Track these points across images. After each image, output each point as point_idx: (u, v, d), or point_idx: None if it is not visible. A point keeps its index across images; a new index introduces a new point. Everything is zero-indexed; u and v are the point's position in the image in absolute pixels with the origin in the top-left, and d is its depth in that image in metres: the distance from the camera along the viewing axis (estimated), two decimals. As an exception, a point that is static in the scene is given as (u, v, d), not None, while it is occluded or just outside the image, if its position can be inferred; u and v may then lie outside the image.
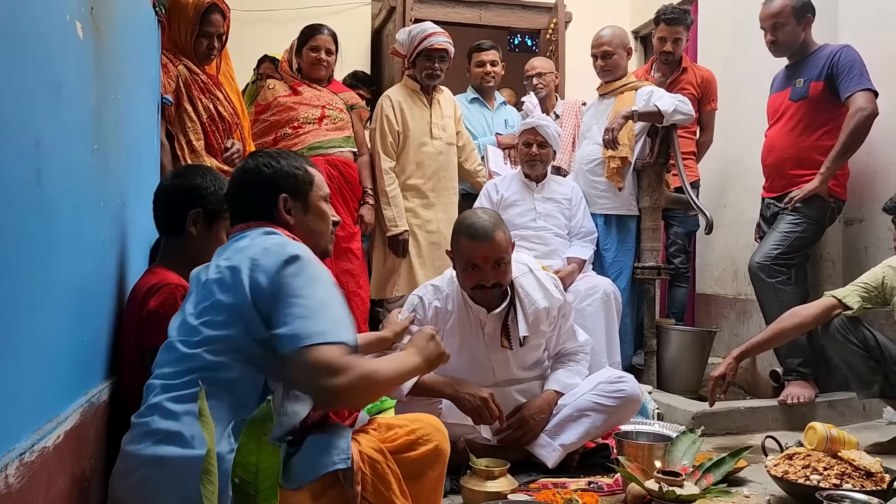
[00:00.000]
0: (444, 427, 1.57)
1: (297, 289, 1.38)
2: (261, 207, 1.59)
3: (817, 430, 2.18)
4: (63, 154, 1.34)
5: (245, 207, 1.62)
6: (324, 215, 1.67)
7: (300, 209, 1.62)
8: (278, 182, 1.61)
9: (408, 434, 1.51)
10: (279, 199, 1.59)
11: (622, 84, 3.61)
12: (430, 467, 1.52)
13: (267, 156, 1.65)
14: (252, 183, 1.61)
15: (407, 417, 1.60)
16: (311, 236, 1.62)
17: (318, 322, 1.35)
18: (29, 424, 1.15)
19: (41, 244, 1.22)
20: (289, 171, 1.62)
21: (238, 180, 1.64)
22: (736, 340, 3.96)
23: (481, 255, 2.26)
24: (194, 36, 2.64)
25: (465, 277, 2.32)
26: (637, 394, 2.46)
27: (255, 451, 0.84)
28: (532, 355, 2.51)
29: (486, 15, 4.94)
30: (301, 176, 1.63)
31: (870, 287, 2.67)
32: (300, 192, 1.63)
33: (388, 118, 3.59)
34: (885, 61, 3.13)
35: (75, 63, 1.43)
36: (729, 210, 4.09)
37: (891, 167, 3.14)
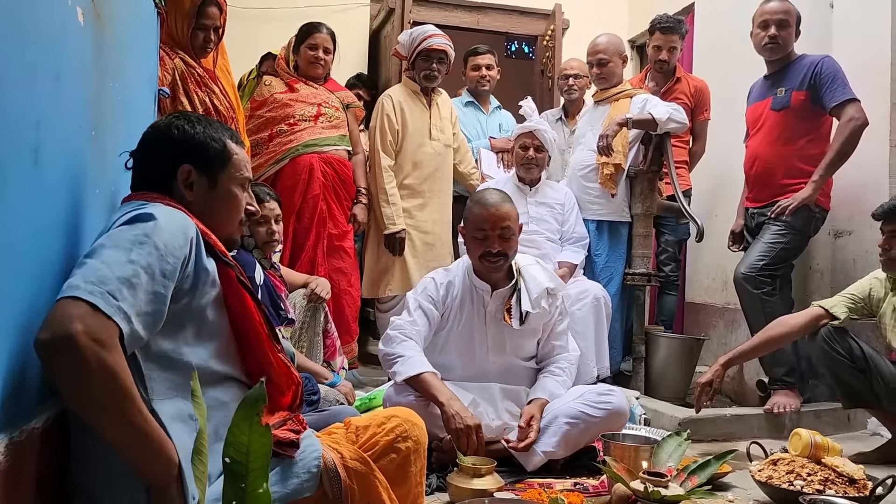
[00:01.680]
0: (420, 420, 1.53)
1: (114, 238, 1.19)
2: (159, 175, 1.40)
3: (802, 436, 2.20)
4: (61, 138, 1.34)
5: (142, 171, 1.43)
6: (233, 200, 1.46)
7: (205, 186, 1.42)
8: (186, 149, 1.40)
9: (386, 434, 1.44)
10: (180, 170, 1.39)
11: (617, 91, 3.64)
12: (412, 465, 1.48)
13: (185, 118, 1.44)
14: (156, 144, 1.42)
15: (383, 414, 1.51)
16: (210, 219, 1.41)
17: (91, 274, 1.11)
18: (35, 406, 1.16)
19: (37, 226, 1.23)
20: (202, 139, 1.41)
21: (146, 137, 1.44)
22: (724, 349, 3.98)
23: (489, 221, 2.42)
24: (191, 28, 2.64)
25: (473, 246, 2.47)
26: (624, 408, 2.46)
27: (247, 432, 0.85)
28: (527, 343, 2.56)
29: (483, 19, 4.97)
30: (215, 149, 1.42)
31: (857, 298, 2.70)
32: (209, 166, 1.42)
33: (388, 117, 3.60)
34: (876, 73, 3.18)
35: (75, 49, 1.43)
36: (720, 220, 4.12)
37: (880, 180, 3.18)
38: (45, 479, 1.21)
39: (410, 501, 1.49)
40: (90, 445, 1.24)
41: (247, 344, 1.41)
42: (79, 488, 1.25)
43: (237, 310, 1.39)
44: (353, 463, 1.37)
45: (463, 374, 2.52)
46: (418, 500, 1.53)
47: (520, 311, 2.47)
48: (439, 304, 2.52)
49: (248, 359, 1.42)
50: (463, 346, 2.53)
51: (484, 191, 2.64)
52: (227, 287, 1.37)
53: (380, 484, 1.38)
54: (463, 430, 2.18)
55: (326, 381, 2.69)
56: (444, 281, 2.56)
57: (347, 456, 1.37)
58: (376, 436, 1.44)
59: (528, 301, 2.48)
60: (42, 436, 1.19)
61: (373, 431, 1.45)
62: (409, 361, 2.34)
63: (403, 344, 2.39)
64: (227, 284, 1.37)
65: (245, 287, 1.39)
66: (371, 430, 1.45)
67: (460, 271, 2.58)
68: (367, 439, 1.44)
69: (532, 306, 2.48)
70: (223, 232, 1.45)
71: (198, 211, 1.39)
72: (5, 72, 1.07)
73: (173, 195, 1.39)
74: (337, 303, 3.35)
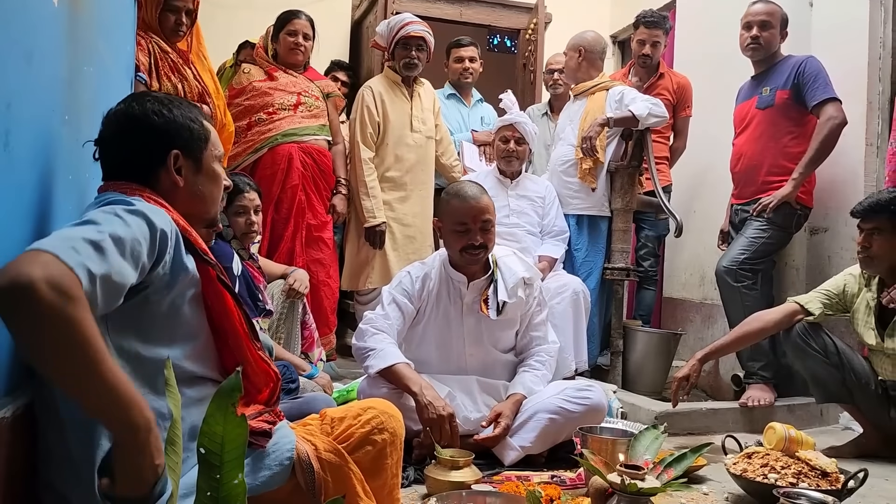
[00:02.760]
0: (397, 411, 1.51)
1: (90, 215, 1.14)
2: (142, 163, 1.34)
3: (776, 430, 2.22)
4: (33, 121, 1.31)
5: (121, 160, 1.35)
6: (217, 178, 1.44)
7: (191, 169, 1.38)
8: (171, 135, 1.35)
9: (362, 426, 1.42)
10: (169, 156, 1.34)
11: (593, 84, 3.65)
12: (388, 456, 1.45)
13: (157, 101, 1.38)
14: (138, 132, 1.34)
15: (359, 405, 1.48)
16: (200, 202, 1.40)
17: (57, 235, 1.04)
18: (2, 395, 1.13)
19: (6, 210, 1.20)
20: (183, 122, 1.37)
21: (119, 125, 1.35)
22: (700, 344, 4.02)
23: (470, 214, 2.41)
24: (159, 10, 2.60)
25: (454, 240, 2.45)
26: (603, 404, 2.45)
27: (222, 422, 0.83)
28: (505, 334, 2.56)
29: (466, 12, 4.95)
30: (196, 130, 1.39)
31: (831, 294, 2.74)
32: (194, 148, 1.38)
33: (368, 108, 3.57)
34: (854, 73, 3.21)
35: (49, 31, 1.40)
36: (698, 216, 4.16)
37: (857, 178, 3.22)
38: (14, 473, 1.19)
39: (386, 493, 1.47)
40: (53, 443, 1.21)
41: (224, 342, 1.38)
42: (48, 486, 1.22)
43: (216, 308, 1.35)
44: (328, 455, 1.35)
45: (441, 368, 2.51)
46: (394, 493, 1.51)
47: (496, 301, 2.47)
48: (414, 298, 2.50)
49: (226, 356, 1.39)
50: (440, 339, 2.52)
51: (460, 183, 2.63)
52: (206, 285, 1.34)
53: (354, 476, 1.36)
54: (436, 420, 2.17)
55: (304, 372, 2.67)
56: (419, 274, 2.54)
57: (321, 448, 1.35)
58: (352, 427, 1.42)
59: (504, 291, 2.48)
60: (10, 427, 1.17)
61: (348, 423, 1.42)
62: (381, 354, 2.33)
63: (375, 337, 2.38)
64: (207, 283, 1.34)
65: (225, 285, 1.36)
66: (347, 421, 1.43)
67: (436, 264, 2.57)
68: (343, 431, 1.41)
69: (508, 296, 2.48)
70: (210, 213, 1.43)
71: (186, 195, 1.37)
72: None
73: (153, 184, 1.34)
74: (315, 294, 3.32)
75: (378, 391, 2.29)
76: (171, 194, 1.35)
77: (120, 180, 1.34)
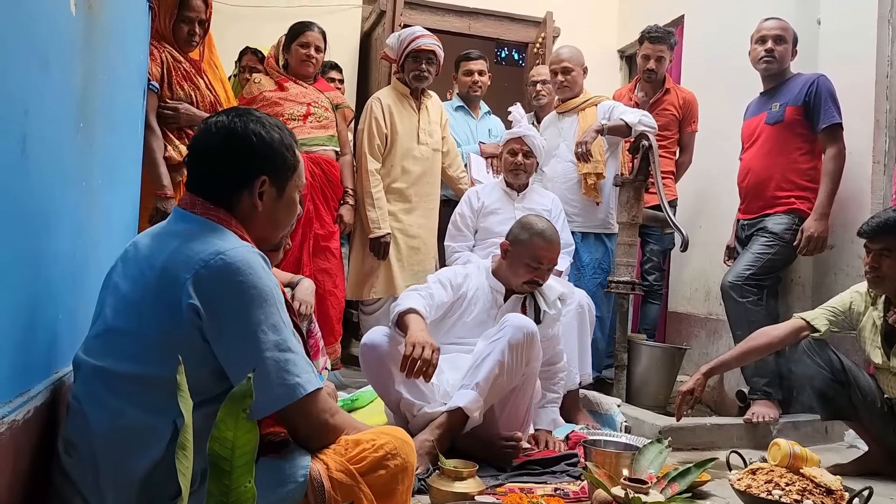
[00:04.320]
0: (410, 439, 1.52)
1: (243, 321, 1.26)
2: (228, 183, 1.35)
3: (781, 446, 2.21)
4: (49, 128, 1.33)
5: (208, 176, 1.36)
6: (294, 207, 1.46)
7: (273, 196, 1.40)
8: (264, 159, 1.36)
9: (375, 450, 1.41)
10: (257, 181, 1.36)
11: (582, 101, 3.70)
12: (399, 482, 1.44)
13: (258, 122, 1.38)
14: (233, 151, 1.35)
15: (373, 431, 1.47)
16: (273, 228, 1.43)
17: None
18: (0, 396, 1.14)
19: (21, 215, 1.21)
20: (279, 150, 1.38)
21: (216, 139, 1.36)
22: (705, 359, 4.00)
23: (548, 256, 2.61)
24: (173, 20, 2.64)
25: (524, 271, 2.61)
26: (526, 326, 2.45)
27: (233, 427, 0.84)
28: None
29: (475, 25, 4.99)
30: (289, 159, 1.41)
31: (837, 311, 2.73)
32: (281, 177, 1.40)
33: (376, 120, 3.59)
34: (861, 91, 3.22)
35: (66, 39, 1.43)
36: (704, 231, 4.16)
37: (863, 195, 3.22)
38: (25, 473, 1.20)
39: None
40: (77, 435, 1.25)
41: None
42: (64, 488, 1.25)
43: None
44: (339, 475, 1.35)
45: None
46: (405, 518, 1.50)
47: (535, 310, 2.62)
48: (454, 289, 2.64)
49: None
50: (467, 339, 2.62)
51: (540, 221, 2.71)
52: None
53: (364, 497, 1.36)
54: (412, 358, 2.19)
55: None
56: (463, 272, 2.71)
57: (333, 467, 1.35)
58: (365, 451, 1.41)
59: (544, 303, 2.65)
60: (23, 428, 1.18)
61: (362, 447, 1.42)
62: (404, 302, 2.44)
63: (408, 295, 2.50)
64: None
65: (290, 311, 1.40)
66: (361, 445, 1.42)
67: (478, 271, 2.73)
68: (357, 454, 1.41)
69: (549, 307, 2.65)
70: (276, 238, 1.46)
71: (263, 220, 1.39)
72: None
73: (233, 204, 1.35)
74: (321, 304, 3.33)
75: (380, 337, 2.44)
76: (249, 217, 1.37)
77: (204, 195, 1.35)
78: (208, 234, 1.29)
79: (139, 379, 1.23)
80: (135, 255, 1.34)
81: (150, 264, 1.28)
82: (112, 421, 1.22)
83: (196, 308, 1.21)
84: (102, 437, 1.23)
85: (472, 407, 2.34)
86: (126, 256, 1.36)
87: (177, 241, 1.28)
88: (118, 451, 1.22)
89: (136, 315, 1.26)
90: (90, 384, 1.27)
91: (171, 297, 1.22)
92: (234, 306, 1.23)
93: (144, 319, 1.24)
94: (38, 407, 1.26)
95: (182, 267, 1.23)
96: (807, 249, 3.15)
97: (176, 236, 1.30)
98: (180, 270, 1.23)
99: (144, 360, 1.23)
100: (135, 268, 1.31)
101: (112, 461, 1.22)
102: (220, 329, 1.22)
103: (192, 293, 1.21)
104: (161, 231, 1.35)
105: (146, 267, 1.28)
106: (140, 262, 1.30)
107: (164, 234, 1.34)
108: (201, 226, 1.31)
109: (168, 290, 1.23)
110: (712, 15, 4.45)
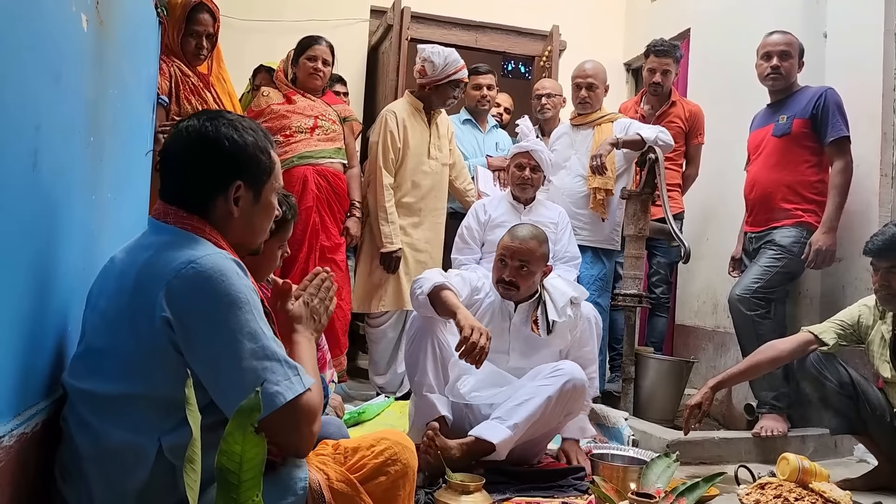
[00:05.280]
0: (410, 443, 1.50)
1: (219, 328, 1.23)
2: (202, 189, 1.31)
3: (790, 460, 2.20)
4: (60, 142, 1.34)
5: (183, 179, 1.32)
6: (271, 211, 1.41)
7: (250, 200, 1.35)
8: (238, 164, 1.31)
9: (375, 457, 1.40)
10: (232, 186, 1.32)
11: (600, 116, 3.70)
12: (401, 488, 1.43)
13: (230, 125, 1.33)
14: (206, 154, 1.30)
15: (372, 437, 1.46)
16: (251, 233, 1.39)
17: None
18: (9, 410, 1.15)
19: (33, 229, 1.22)
20: (253, 152, 1.33)
21: (189, 142, 1.31)
22: (713, 372, 3.99)
23: (509, 250, 2.54)
24: (181, 35, 2.66)
25: (494, 270, 2.61)
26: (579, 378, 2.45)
27: (241, 441, 0.84)
28: (550, 351, 2.63)
29: (482, 38, 5.00)
30: (264, 162, 1.36)
31: (846, 325, 2.72)
32: (257, 181, 1.35)
33: (391, 133, 3.58)
34: (868, 104, 3.22)
35: (77, 55, 1.44)
36: (711, 243, 4.15)
37: (871, 208, 3.21)
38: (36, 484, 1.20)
39: None
40: (69, 459, 1.24)
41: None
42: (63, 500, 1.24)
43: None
44: (339, 485, 1.33)
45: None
46: (407, 524, 1.49)
47: (546, 320, 2.57)
48: (471, 291, 2.62)
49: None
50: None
51: (528, 226, 2.71)
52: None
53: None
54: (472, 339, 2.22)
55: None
56: (482, 278, 2.69)
57: (333, 477, 1.34)
58: (365, 458, 1.40)
59: (554, 311, 2.59)
60: (32, 440, 1.19)
61: (362, 454, 1.41)
62: (434, 277, 2.46)
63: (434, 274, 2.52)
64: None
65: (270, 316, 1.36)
66: (360, 452, 1.41)
67: (488, 281, 2.68)
68: (356, 462, 1.40)
69: (559, 315, 2.58)
70: (254, 243, 1.43)
71: (240, 226, 1.35)
72: (9, 74, 1.07)
73: (208, 210, 1.31)
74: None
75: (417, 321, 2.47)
76: (224, 223, 1.33)
77: (177, 203, 1.31)
78: (181, 243, 1.25)
79: (121, 399, 1.21)
80: (111, 270, 1.31)
81: (124, 279, 1.25)
82: (97, 443, 1.21)
83: (168, 320, 1.18)
84: (91, 460, 1.21)
85: (503, 446, 2.33)
86: (104, 272, 1.33)
87: (149, 253, 1.25)
88: (107, 473, 1.20)
89: (113, 332, 1.23)
90: (76, 407, 1.25)
91: (144, 311, 1.19)
92: (208, 315, 1.19)
93: (121, 336, 1.22)
94: (44, 421, 1.27)
95: (154, 279, 1.20)
96: (815, 263, 3.14)
97: (148, 248, 1.26)
98: (153, 283, 1.20)
99: (124, 378, 1.21)
100: (111, 283, 1.28)
101: (103, 483, 1.21)
102: (194, 340, 1.19)
103: (165, 305, 1.18)
104: (135, 244, 1.32)
105: (121, 282, 1.25)
106: (115, 277, 1.28)
107: (137, 246, 1.30)
108: (174, 235, 1.27)
109: (141, 304, 1.20)
110: (718, 28, 4.46)
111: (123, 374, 1.21)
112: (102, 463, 1.21)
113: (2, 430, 1.10)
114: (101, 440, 1.20)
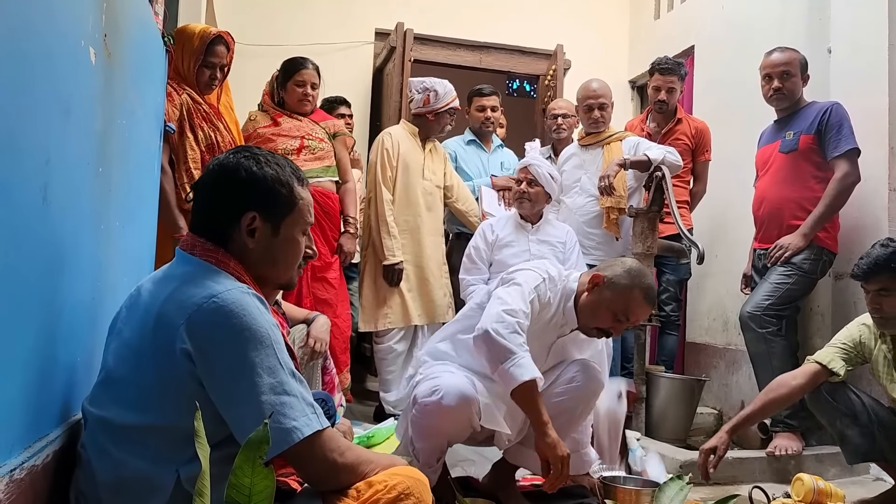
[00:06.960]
0: (424, 478, 1.47)
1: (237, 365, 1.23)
2: (220, 219, 1.34)
3: (804, 481, 2.18)
4: (70, 174, 1.35)
5: (203, 214, 1.36)
6: (294, 247, 1.41)
7: (267, 233, 1.35)
8: (251, 194, 1.33)
9: (388, 492, 1.36)
10: (244, 217, 1.33)
11: (608, 135, 3.71)
12: None
13: (253, 158, 1.35)
14: (221, 185, 1.34)
15: (385, 473, 1.42)
16: (272, 267, 1.39)
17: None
18: (20, 442, 1.15)
19: (43, 261, 1.23)
20: (269, 186, 1.34)
21: (212, 174, 1.36)
22: (725, 390, 3.97)
23: (637, 318, 2.31)
24: (197, 65, 2.69)
25: (607, 319, 2.29)
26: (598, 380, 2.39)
27: (250, 474, 0.84)
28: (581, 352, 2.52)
29: (486, 58, 5.04)
30: (283, 196, 1.36)
31: (848, 347, 2.65)
32: (274, 214, 1.35)
33: (388, 152, 3.71)
34: (874, 118, 3.21)
35: (86, 87, 1.46)
36: (720, 260, 4.13)
37: (880, 223, 3.19)
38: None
39: None
40: (85, 486, 1.24)
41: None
42: None
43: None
44: None
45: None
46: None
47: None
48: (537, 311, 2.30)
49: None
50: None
51: (649, 277, 2.39)
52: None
53: None
54: (553, 459, 2.05)
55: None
56: (553, 294, 2.36)
57: None
58: (378, 493, 1.37)
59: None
60: (46, 468, 1.19)
61: (375, 489, 1.38)
62: (522, 362, 2.10)
63: (516, 337, 2.14)
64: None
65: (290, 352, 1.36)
66: (374, 487, 1.38)
67: (560, 296, 2.38)
68: (370, 497, 1.37)
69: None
70: (281, 278, 1.42)
71: (257, 258, 1.36)
72: (20, 110, 1.08)
73: (228, 242, 1.34)
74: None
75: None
76: (243, 255, 1.35)
77: (202, 234, 1.35)
78: (204, 276, 1.27)
79: (140, 429, 1.22)
80: (137, 300, 1.33)
81: (149, 310, 1.27)
82: (115, 471, 1.21)
83: (188, 353, 1.19)
84: (107, 487, 1.22)
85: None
86: (130, 302, 1.35)
87: (174, 285, 1.27)
88: (123, 502, 1.21)
89: (134, 362, 1.25)
90: (95, 434, 1.26)
91: (166, 343, 1.21)
92: (228, 350, 1.21)
93: (142, 367, 1.23)
94: (55, 452, 1.27)
95: (176, 312, 1.22)
96: (771, 257, 3.14)
97: (174, 279, 1.29)
98: (175, 315, 1.22)
99: (144, 408, 1.22)
100: (136, 314, 1.30)
101: None
102: (213, 373, 1.20)
103: (185, 338, 1.20)
104: (162, 275, 1.34)
105: (145, 313, 1.27)
106: (141, 307, 1.30)
107: (164, 278, 1.33)
108: (199, 268, 1.30)
109: (163, 335, 1.22)
110: (722, 45, 4.47)
111: (144, 405, 1.23)
112: (119, 492, 1.21)
113: (13, 464, 1.09)
114: (119, 469, 1.21)
